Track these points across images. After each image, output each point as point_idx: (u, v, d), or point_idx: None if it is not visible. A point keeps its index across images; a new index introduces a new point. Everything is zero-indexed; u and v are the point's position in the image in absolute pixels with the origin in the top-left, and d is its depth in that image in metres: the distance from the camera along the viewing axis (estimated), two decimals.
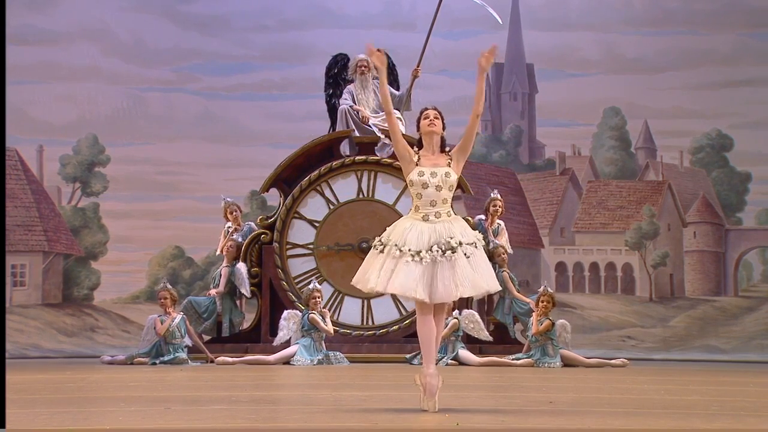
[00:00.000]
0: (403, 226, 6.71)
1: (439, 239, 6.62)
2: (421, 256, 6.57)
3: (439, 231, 6.66)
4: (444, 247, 6.59)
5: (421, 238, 6.63)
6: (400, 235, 6.65)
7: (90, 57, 19.61)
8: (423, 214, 6.72)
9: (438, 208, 6.73)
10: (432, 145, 6.86)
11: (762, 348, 18.20)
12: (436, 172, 6.74)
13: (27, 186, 19.10)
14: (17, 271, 18.78)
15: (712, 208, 19.96)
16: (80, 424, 5.95)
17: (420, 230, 6.65)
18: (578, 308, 19.43)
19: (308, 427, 5.98)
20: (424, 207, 6.74)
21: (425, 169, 6.75)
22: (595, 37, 20.23)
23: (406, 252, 6.58)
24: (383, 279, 6.58)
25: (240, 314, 14.26)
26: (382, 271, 6.60)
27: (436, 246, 6.59)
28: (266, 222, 14.23)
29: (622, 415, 6.62)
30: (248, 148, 19.45)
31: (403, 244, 6.60)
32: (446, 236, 6.63)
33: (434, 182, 6.72)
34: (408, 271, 6.54)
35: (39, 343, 17.96)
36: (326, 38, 18.86)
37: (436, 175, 6.73)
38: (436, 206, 6.73)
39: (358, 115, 14.28)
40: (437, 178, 6.73)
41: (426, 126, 6.87)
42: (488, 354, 13.12)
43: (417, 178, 6.74)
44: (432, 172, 6.74)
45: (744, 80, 19.51)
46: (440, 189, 6.73)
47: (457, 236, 6.65)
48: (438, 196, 6.74)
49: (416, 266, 6.55)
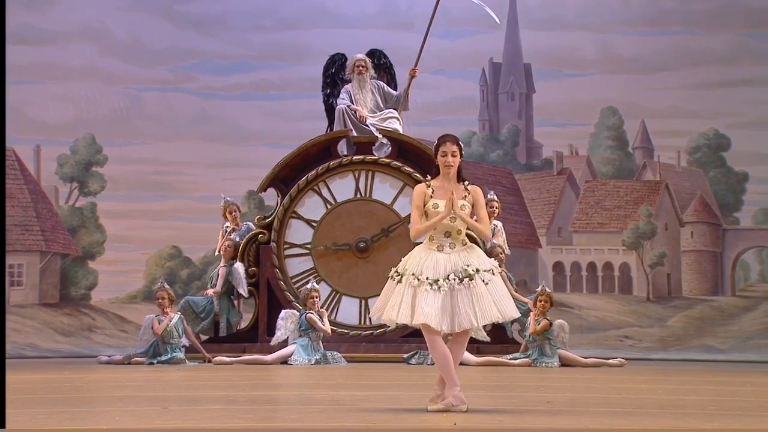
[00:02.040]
0: (418, 256, 6.70)
1: (455, 268, 6.62)
2: (439, 285, 6.56)
3: (455, 260, 6.66)
4: (461, 275, 6.59)
5: (438, 267, 6.63)
6: (416, 265, 6.65)
7: (87, 57, 19.60)
8: (438, 245, 6.72)
9: (452, 239, 6.72)
10: (448, 177, 6.83)
11: (759, 348, 18.20)
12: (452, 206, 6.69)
13: (24, 186, 19.09)
14: (14, 271, 18.76)
15: (710, 207, 19.97)
16: (78, 423, 5.94)
17: (436, 260, 6.65)
18: (576, 308, 19.43)
19: (306, 426, 5.97)
20: (439, 238, 6.73)
21: (440, 201, 6.73)
22: (593, 37, 20.23)
23: (424, 281, 6.58)
24: (405, 311, 6.57)
25: (237, 314, 14.24)
26: (403, 302, 6.59)
27: (453, 275, 6.59)
28: (264, 222, 14.22)
29: (619, 415, 6.61)
30: (246, 148, 19.43)
31: (420, 273, 6.60)
32: (462, 265, 6.63)
33: (447, 213, 6.68)
34: (428, 300, 6.54)
35: (36, 343, 17.94)
36: (324, 38, 18.85)
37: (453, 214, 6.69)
38: (451, 237, 6.72)
39: (356, 114, 14.27)
40: (449, 213, 6.68)
41: (443, 165, 6.83)
42: (486, 354, 13.11)
43: (432, 210, 6.73)
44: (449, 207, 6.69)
45: (741, 80, 19.51)
46: (455, 220, 6.71)
47: (474, 264, 6.65)
48: (452, 227, 6.72)
49: (435, 295, 6.55)
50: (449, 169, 6.81)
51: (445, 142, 6.85)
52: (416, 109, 15.86)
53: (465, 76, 20.77)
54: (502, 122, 20.97)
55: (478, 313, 6.57)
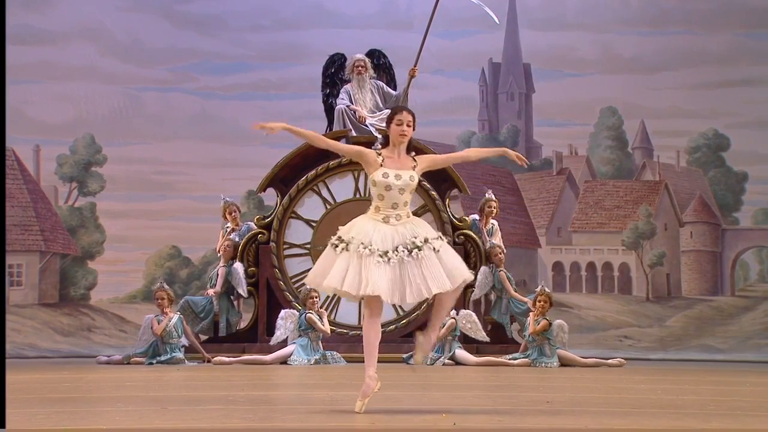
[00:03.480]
0: (365, 226, 6.60)
1: (403, 240, 6.55)
2: (389, 257, 6.48)
3: (402, 232, 6.58)
4: (410, 246, 6.53)
5: (386, 239, 6.54)
6: (364, 235, 6.55)
7: (87, 57, 19.60)
8: (384, 216, 6.63)
9: (399, 210, 6.65)
10: (398, 148, 6.76)
11: (758, 348, 18.20)
12: (400, 175, 6.65)
13: (24, 186, 19.09)
14: (14, 271, 18.77)
15: (709, 207, 19.97)
16: (77, 423, 5.94)
17: (383, 232, 6.56)
18: (575, 308, 19.43)
19: (305, 427, 5.97)
20: (386, 209, 6.65)
21: (390, 171, 6.66)
22: (592, 37, 20.23)
23: (375, 251, 6.49)
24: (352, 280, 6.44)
25: (237, 314, 14.24)
26: (350, 271, 6.47)
27: (402, 246, 6.52)
28: (263, 222, 14.22)
29: (618, 415, 6.61)
30: (245, 148, 19.43)
31: (370, 243, 6.50)
32: (410, 237, 6.56)
33: (398, 185, 6.64)
34: (379, 272, 6.44)
35: (36, 343, 17.94)
36: (323, 38, 18.86)
37: (400, 178, 6.65)
38: (398, 209, 6.65)
39: (355, 114, 14.27)
40: (401, 180, 6.65)
41: (397, 134, 6.74)
42: (485, 354, 13.11)
43: (381, 179, 6.64)
44: (396, 175, 6.64)
45: (741, 80, 19.52)
46: (403, 192, 6.66)
47: (422, 234, 6.58)
48: (400, 199, 6.66)
49: (385, 267, 6.46)
50: (404, 138, 6.74)
51: (401, 111, 6.81)
52: (416, 109, 15.79)
53: (464, 76, 20.77)
54: (501, 122, 20.98)
55: (430, 283, 6.48)
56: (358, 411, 6.42)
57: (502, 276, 13.79)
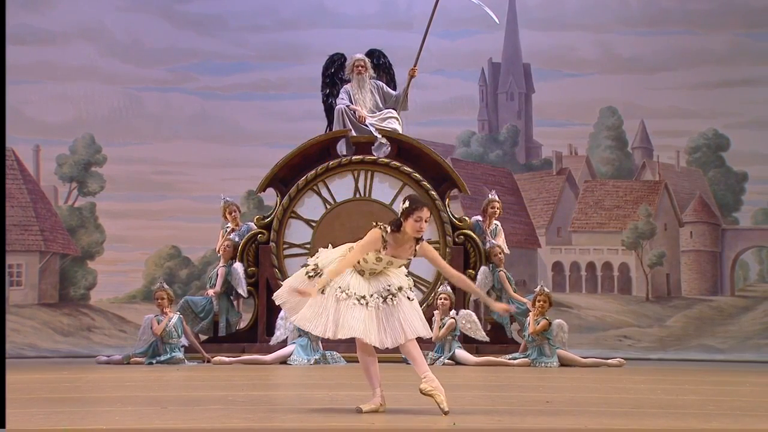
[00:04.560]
0: None
1: (378, 287, 6.64)
2: (366, 300, 6.57)
3: (379, 279, 6.66)
4: (384, 294, 6.60)
5: (362, 284, 6.62)
6: (341, 278, 6.59)
7: (86, 57, 19.60)
8: (360, 270, 6.69)
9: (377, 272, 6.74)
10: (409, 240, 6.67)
11: (758, 347, 18.20)
12: (392, 261, 6.69)
13: (23, 186, 19.09)
14: (14, 271, 18.76)
15: (709, 207, 19.97)
16: (76, 424, 5.94)
17: (359, 278, 6.64)
18: (575, 308, 19.43)
19: (305, 427, 5.97)
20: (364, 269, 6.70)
21: (384, 257, 6.66)
22: (592, 36, 20.23)
23: (352, 295, 6.56)
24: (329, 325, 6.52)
25: (237, 314, 14.24)
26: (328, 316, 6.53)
27: (377, 294, 6.60)
28: (263, 222, 14.22)
29: (618, 415, 6.61)
30: (245, 148, 19.44)
31: (347, 287, 6.58)
32: (385, 284, 6.64)
33: (386, 267, 6.69)
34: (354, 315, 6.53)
35: (35, 343, 17.94)
36: (323, 38, 18.86)
37: (391, 264, 6.70)
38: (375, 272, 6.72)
39: (355, 114, 14.26)
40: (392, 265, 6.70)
41: (415, 231, 6.62)
42: (485, 354, 13.11)
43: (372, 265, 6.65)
44: (389, 261, 6.68)
45: (741, 80, 19.52)
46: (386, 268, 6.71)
47: (395, 283, 6.65)
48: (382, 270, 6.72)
49: (362, 309, 6.56)
50: (419, 234, 6.66)
51: (422, 208, 6.64)
52: (415, 109, 15.86)
53: (464, 76, 20.77)
54: (501, 122, 20.97)
55: (406, 329, 6.57)
56: (359, 409, 6.45)
57: (502, 276, 13.79)
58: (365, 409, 6.48)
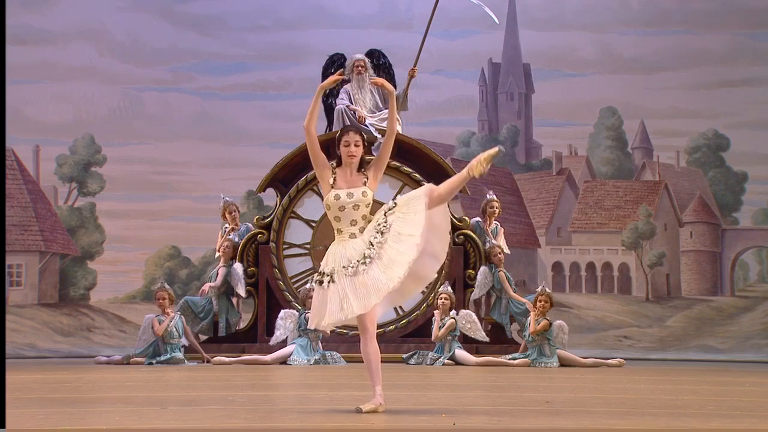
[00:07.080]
0: (336, 252, 6.68)
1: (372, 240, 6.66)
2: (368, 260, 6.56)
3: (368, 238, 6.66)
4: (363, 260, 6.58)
5: (357, 250, 6.62)
6: (339, 259, 6.62)
7: (86, 57, 19.60)
8: (349, 234, 6.71)
9: (359, 225, 6.73)
10: (350, 167, 6.83)
11: (758, 348, 18.21)
12: (352, 193, 6.74)
13: (23, 186, 19.09)
14: (13, 271, 18.76)
15: (709, 208, 19.98)
16: (77, 424, 5.94)
17: (353, 246, 6.64)
18: (575, 308, 19.43)
19: (304, 427, 5.97)
20: (346, 228, 6.73)
21: (341, 191, 6.75)
22: (592, 37, 20.24)
23: (356, 264, 6.56)
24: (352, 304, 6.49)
25: (236, 314, 14.24)
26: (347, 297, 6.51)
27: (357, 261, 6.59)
28: (263, 222, 14.22)
29: (618, 415, 6.61)
30: (245, 148, 19.44)
31: (348, 262, 6.59)
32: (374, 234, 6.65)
33: (351, 202, 6.72)
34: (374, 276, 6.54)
35: (35, 343, 17.94)
36: (323, 38, 18.86)
37: (352, 196, 6.73)
38: (357, 224, 6.73)
39: (355, 115, 14.26)
40: (353, 198, 6.73)
41: (346, 155, 6.82)
42: (485, 354, 13.11)
43: (333, 202, 6.73)
44: (348, 193, 6.73)
45: (740, 80, 19.53)
46: (357, 208, 6.73)
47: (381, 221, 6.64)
48: (357, 215, 6.74)
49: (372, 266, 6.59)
50: (353, 158, 6.83)
51: (347, 132, 6.90)
52: (415, 109, 15.87)
53: (464, 76, 20.78)
54: (501, 122, 20.98)
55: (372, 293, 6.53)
56: (359, 409, 6.45)
57: (502, 276, 13.79)
58: (365, 409, 6.48)
